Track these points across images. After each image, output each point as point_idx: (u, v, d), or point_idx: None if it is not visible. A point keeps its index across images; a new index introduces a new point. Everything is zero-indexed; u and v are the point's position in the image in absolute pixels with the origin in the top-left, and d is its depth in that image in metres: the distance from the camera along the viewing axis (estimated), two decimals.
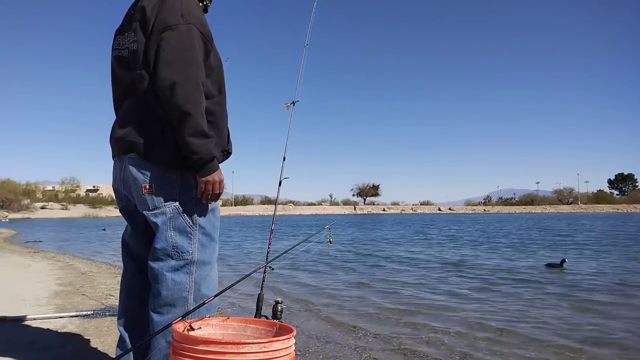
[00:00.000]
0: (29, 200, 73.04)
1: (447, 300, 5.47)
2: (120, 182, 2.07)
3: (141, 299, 2.07)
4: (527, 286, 6.43)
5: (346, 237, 17.04)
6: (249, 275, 2.05)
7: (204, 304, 1.90)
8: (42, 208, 73.95)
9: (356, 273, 7.82)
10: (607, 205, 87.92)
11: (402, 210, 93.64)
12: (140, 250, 2.12)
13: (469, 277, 7.27)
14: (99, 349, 2.93)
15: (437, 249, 12.33)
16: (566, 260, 7.94)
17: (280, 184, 2.84)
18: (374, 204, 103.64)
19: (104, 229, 25.55)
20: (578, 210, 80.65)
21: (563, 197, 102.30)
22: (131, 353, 2.03)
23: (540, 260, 9.27)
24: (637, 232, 18.98)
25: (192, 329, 1.72)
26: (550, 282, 6.69)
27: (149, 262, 1.97)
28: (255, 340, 1.53)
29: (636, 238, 15.46)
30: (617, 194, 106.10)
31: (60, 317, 3.80)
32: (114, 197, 2.22)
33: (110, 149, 2.12)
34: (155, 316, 1.94)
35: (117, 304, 2.26)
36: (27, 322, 3.59)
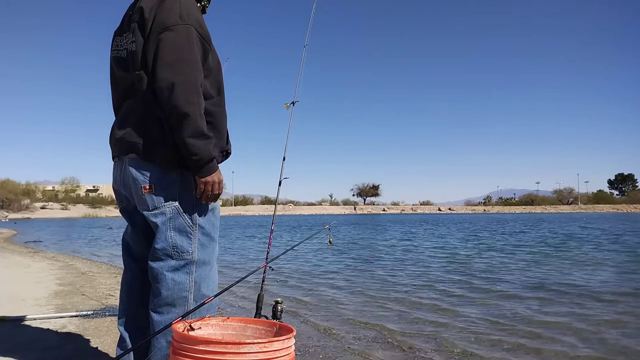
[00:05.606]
0: (29, 200, 73.06)
1: (443, 300, 5.46)
2: (121, 182, 2.08)
3: (142, 299, 2.08)
4: None
5: (351, 238, 17.03)
6: (249, 275, 2.05)
7: (204, 303, 1.90)
8: (42, 208, 73.95)
9: (357, 274, 7.82)
10: (607, 205, 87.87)
11: (402, 210, 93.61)
12: (140, 250, 2.12)
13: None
14: (99, 349, 2.94)
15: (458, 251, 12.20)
16: None
17: (280, 184, 2.85)
18: (374, 204, 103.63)
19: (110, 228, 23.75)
20: (578, 211, 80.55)
21: (563, 197, 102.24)
22: (131, 353, 2.03)
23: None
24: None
25: (192, 329, 1.72)
26: None
27: (149, 262, 1.97)
28: (255, 340, 1.53)
29: None
30: (617, 194, 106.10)
31: (60, 317, 3.80)
32: (115, 197, 2.23)
33: (110, 149, 2.12)
34: (155, 316, 1.95)
35: (117, 304, 2.26)
36: (27, 322, 3.59)
